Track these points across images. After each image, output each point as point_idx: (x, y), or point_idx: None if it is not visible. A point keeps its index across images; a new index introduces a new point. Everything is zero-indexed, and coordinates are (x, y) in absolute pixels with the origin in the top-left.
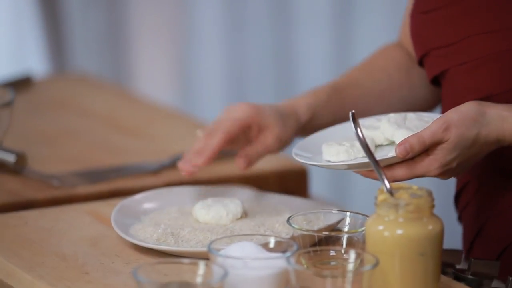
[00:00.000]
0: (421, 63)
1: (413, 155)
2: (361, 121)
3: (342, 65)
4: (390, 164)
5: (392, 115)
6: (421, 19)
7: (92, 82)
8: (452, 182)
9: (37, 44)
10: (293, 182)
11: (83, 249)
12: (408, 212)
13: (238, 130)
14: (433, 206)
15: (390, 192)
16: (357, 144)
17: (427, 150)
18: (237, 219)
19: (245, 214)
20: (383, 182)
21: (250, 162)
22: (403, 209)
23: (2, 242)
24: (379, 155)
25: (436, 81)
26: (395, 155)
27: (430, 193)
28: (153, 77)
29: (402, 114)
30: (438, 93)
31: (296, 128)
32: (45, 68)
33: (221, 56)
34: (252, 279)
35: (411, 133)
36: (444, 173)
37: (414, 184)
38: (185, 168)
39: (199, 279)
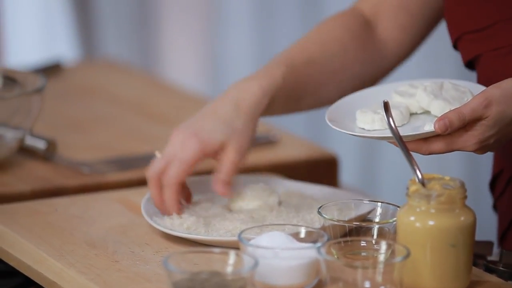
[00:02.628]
0: (455, 46)
1: (452, 131)
2: (395, 86)
3: None
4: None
5: (428, 83)
6: (454, 2)
7: (122, 68)
8: (484, 172)
9: (67, 30)
10: (323, 171)
11: (113, 237)
12: (440, 203)
13: (187, 173)
14: (465, 197)
15: (422, 182)
16: (392, 113)
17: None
18: (270, 209)
19: (279, 203)
20: (415, 172)
21: (228, 184)
22: (435, 200)
23: (32, 229)
24: (415, 125)
25: (470, 65)
26: (432, 129)
27: (462, 184)
28: (182, 64)
29: (438, 83)
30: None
31: (255, 124)
32: (74, 54)
33: (251, 43)
34: (283, 269)
35: (448, 104)
36: (480, 149)
37: (446, 171)
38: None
39: (229, 269)
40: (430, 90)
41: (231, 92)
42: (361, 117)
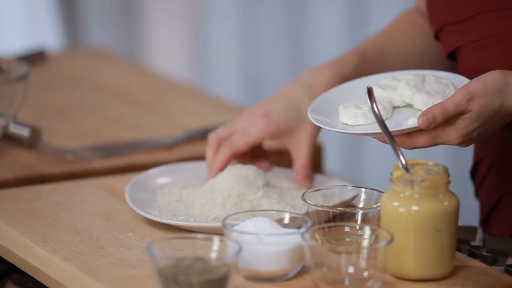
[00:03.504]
0: (437, 37)
1: (435, 126)
2: (377, 79)
3: (356, 40)
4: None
5: (410, 77)
6: None
7: (106, 56)
8: (467, 159)
9: (51, 18)
10: None
11: (97, 224)
12: (424, 188)
13: (247, 149)
14: (448, 183)
15: (406, 168)
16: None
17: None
18: (254, 195)
19: (267, 185)
20: (399, 158)
21: (308, 178)
22: (418, 185)
23: (16, 216)
24: (398, 119)
25: (452, 55)
26: (416, 124)
27: (446, 170)
28: (167, 51)
29: (420, 75)
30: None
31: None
32: (59, 42)
33: (235, 30)
34: (267, 254)
35: (430, 98)
36: (464, 142)
37: (429, 158)
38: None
39: (213, 255)
40: (413, 84)
41: (305, 77)
42: (344, 112)
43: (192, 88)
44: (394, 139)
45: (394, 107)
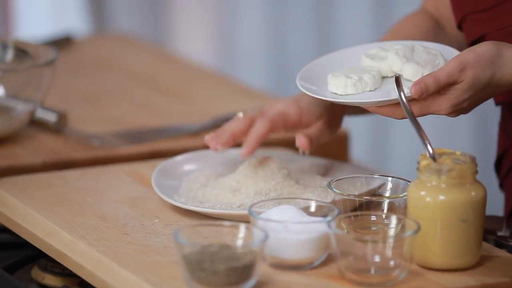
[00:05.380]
0: (460, 27)
1: (427, 95)
2: (364, 49)
3: (382, 26)
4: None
5: (399, 46)
6: None
7: (133, 42)
8: (493, 148)
9: (78, 3)
10: (334, 146)
11: (123, 210)
12: (451, 177)
13: (282, 122)
14: (476, 172)
15: (433, 157)
16: (365, 77)
17: None
18: (280, 183)
19: (290, 174)
20: (426, 147)
21: (311, 143)
22: (445, 175)
23: (43, 201)
24: (387, 89)
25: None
26: (407, 94)
27: (473, 159)
28: (193, 37)
29: (409, 46)
30: None
31: (344, 110)
32: (85, 27)
33: (262, 15)
34: (293, 242)
35: (420, 68)
36: (454, 112)
37: (454, 148)
38: (212, 144)
39: (239, 242)
40: (402, 54)
41: None
42: (333, 81)
43: (219, 74)
44: (422, 128)
45: (383, 77)
